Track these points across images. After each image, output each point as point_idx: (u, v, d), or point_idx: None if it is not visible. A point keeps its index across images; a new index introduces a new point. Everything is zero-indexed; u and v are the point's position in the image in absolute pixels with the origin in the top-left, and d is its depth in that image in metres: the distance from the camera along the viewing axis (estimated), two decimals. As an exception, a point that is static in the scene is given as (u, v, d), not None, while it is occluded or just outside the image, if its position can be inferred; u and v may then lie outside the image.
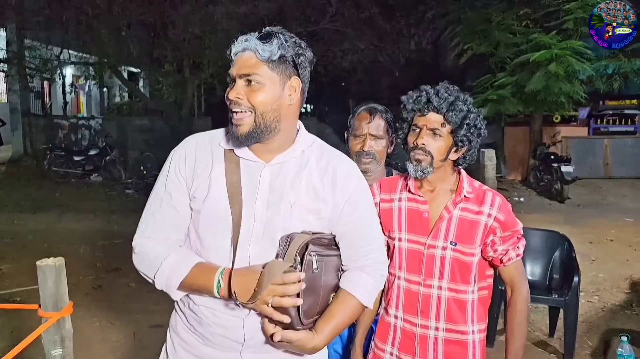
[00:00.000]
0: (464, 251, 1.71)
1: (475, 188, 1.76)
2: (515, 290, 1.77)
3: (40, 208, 8.80)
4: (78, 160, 11.91)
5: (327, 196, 1.44)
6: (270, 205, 1.41)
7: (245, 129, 1.38)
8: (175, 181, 1.47)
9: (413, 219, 1.77)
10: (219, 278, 1.36)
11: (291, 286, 1.32)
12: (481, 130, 1.73)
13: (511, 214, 1.74)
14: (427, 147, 1.70)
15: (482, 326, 1.79)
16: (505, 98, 10.09)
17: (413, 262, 1.76)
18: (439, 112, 1.69)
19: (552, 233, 4.12)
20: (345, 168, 1.49)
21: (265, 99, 1.37)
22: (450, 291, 1.73)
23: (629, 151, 12.07)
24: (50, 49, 13.04)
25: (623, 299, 4.78)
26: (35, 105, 15.60)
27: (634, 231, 7.21)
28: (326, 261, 1.43)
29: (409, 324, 1.78)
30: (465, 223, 1.72)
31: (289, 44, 1.39)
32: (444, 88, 1.73)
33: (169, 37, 11.82)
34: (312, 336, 1.39)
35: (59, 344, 1.57)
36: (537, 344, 3.91)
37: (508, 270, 1.76)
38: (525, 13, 10.32)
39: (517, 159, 11.98)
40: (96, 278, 5.26)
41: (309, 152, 1.48)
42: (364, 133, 2.07)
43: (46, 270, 1.52)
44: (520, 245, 1.75)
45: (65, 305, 1.55)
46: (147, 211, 1.50)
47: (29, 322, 1.82)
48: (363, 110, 2.12)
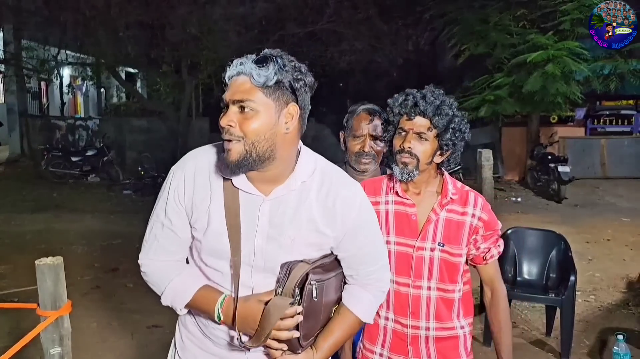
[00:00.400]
0: (451, 252, 1.75)
1: (458, 189, 1.79)
2: (495, 289, 1.83)
3: (37, 209, 8.79)
4: (75, 161, 11.88)
5: (327, 230, 1.40)
6: (270, 240, 1.38)
7: (235, 157, 1.31)
8: (175, 208, 1.44)
9: (401, 222, 1.78)
10: (218, 311, 1.39)
11: (288, 320, 1.34)
12: (465, 134, 1.76)
13: (492, 213, 1.80)
14: (413, 150, 1.71)
15: (469, 320, 1.84)
16: (503, 98, 10.11)
17: (402, 265, 1.78)
18: (426, 116, 1.71)
19: (548, 232, 4.15)
20: (346, 197, 1.42)
21: (258, 127, 1.29)
22: (439, 291, 1.76)
23: (625, 151, 12.11)
24: (47, 49, 13.02)
25: (620, 298, 4.80)
26: (32, 105, 15.58)
27: (630, 230, 7.23)
28: (327, 284, 1.42)
29: (400, 326, 1.80)
30: (451, 224, 1.75)
31: (287, 68, 1.31)
32: (430, 92, 1.74)
33: (167, 38, 11.81)
34: (312, 355, 1.42)
35: (57, 343, 1.58)
36: (534, 344, 3.93)
37: (488, 269, 1.82)
38: (522, 14, 10.35)
39: (515, 159, 12.01)
40: (94, 278, 5.26)
41: (310, 182, 1.40)
42: (364, 134, 2.08)
43: (45, 269, 1.52)
44: (500, 244, 1.81)
45: (63, 304, 1.56)
46: (150, 232, 1.50)
47: (27, 322, 1.83)
48: (362, 111, 2.13)
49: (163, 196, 1.46)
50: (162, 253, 1.48)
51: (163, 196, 1.46)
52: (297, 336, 1.36)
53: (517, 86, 9.91)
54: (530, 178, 10.97)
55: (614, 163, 12.02)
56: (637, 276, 5.07)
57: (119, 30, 11.40)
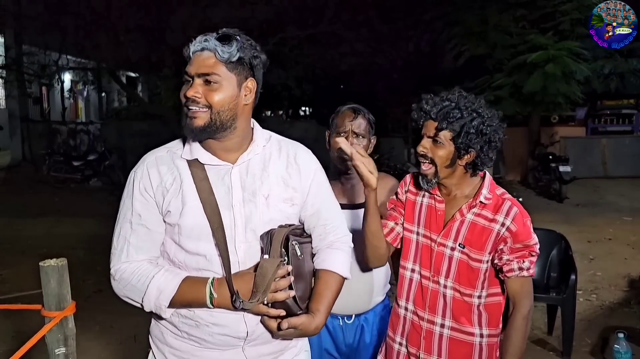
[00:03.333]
0: (471, 256, 1.72)
1: (495, 195, 1.75)
2: (515, 307, 1.73)
3: (39, 214, 8.80)
4: (77, 165, 11.90)
5: (295, 183, 1.53)
6: (247, 202, 1.46)
7: (200, 123, 1.41)
8: (142, 201, 1.47)
9: (430, 215, 1.81)
10: (210, 289, 1.40)
11: (282, 280, 1.40)
12: (487, 136, 1.68)
13: (526, 227, 1.70)
14: (428, 154, 1.72)
15: (493, 331, 1.77)
16: (503, 99, 10.13)
17: (425, 257, 1.80)
18: (435, 120, 1.71)
19: (549, 232, 4.15)
20: (303, 154, 1.59)
21: (222, 98, 1.41)
22: (455, 291, 1.75)
23: (626, 150, 12.12)
24: (48, 54, 13.07)
25: (621, 297, 4.81)
26: (33, 110, 15.61)
27: (631, 230, 7.23)
28: (304, 247, 1.52)
29: (417, 318, 1.82)
30: (476, 228, 1.72)
31: (246, 46, 1.43)
32: (440, 95, 1.73)
33: (168, 42, 11.84)
34: (312, 318, 1.46)
35: (62, 343, 1.59)
36: (535, 343, 3.93)
37: (512, 283, 1.72)
38: (521, 14, 10.38)
39: (516, 159, 12.02)
40: (96, 282, 5.26)
41: (269, 146, 1.55)
42: (347, 130, 2.07)
43: (49, 270, 1.54)
44: (527, 261, 1.70)
45: (68, 305, 1.57)
46: (118, 236, 1.50)
47: (31, 325, 1.84)
48: (346, 109, 2.13)
49: (127, 195, 1.50)
50: (135, 253, 1.47)
51: (127, 195, 1.50)
52: (293, 296, 1.43)
53: (518, 86, 9.94)
54: (531, 178, 10.97)
55: (615, 162, 12.02)
56: (638, 274, 5.08)
57: (119, 34, 11.42)
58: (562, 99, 9.87)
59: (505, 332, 1.76)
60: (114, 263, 1.50)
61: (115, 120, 15.35)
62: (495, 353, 1.79)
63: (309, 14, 12.14)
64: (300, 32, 12.35)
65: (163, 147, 1.56)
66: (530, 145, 11.42)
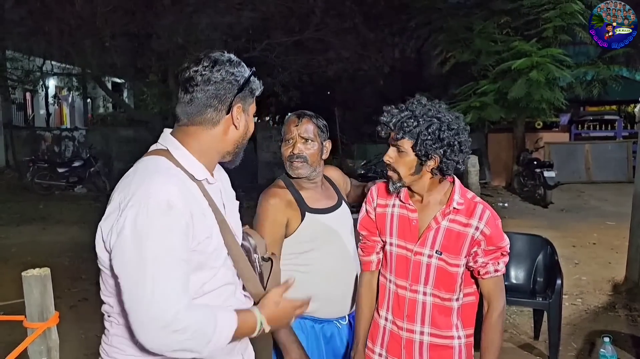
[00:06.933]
0: (448, 261, 1.75)
1: (467, 199, 1.78)
2: (491, 305, 1.79)
3: (23, 221, 8.69)
4: (62, 172, 11.78)
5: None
6: (232, 210, 1.55)
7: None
8: (183, 239, 1.30)
9: (403, 226, 1.81)
10: (260, 320, 1.40)
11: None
12: (447, 140, 1.68)
13: (499, 229, 1.76)
14: (392, 164, 1.76)
15: (468, 331, 1.82)
16: (488, 105, 10.22)
17: (401, 267, 1.81)
18: (393, 131, 1.74)
19: (535, 237, 4.19)
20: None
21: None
22: (435, 298, 1.77)
23: (609, 155, 12.29)
24: (32, 60, 12.92)
25: (606, 301, 4.85)
26: (17, 116, 15.43)
27: (615, 234, 7.31)
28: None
29: (396, 328, 1.83)
30: (452, 234, 1.75)
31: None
32: (400, 106, 1.76)
33: (153, 47, 11.78)
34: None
35: (45, 354, 1.56)
36: (522, 347, 3.95)
37: (486, 284, 1.79)
38: (505, 22, 10.50)
39: (501, 165, 12.13)
40: (81, 290, 5.20)
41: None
42: (293, 136, 2.06)
43: (32, 281, 1.51)
44: (502, 262, 1.77)
45: (51, 316, 1.55)
46: (168, 278, 1.25)
47: (13, 336, 1.80)
48: (292, 115, 2.13)
49: (171, 231, 1.28)
50: (188, 296, 1.29)
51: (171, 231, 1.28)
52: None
53: (502, 92, 10.03)
54: (516, 183, 11.07)
55: (599, 167, 12.19)
56: (623, 279, 5.13)
57: (104, 40, 11.34)
58: (546, 105, 9.99)
59: (483, 330, 1.80)
60: (172, 313, 1.23)
61: (100, 127, 15.22)
62: (472, 352, 1.84)
63: (295, 20, 12.16)
64: (286, 39, 12.37)
65: (171, 171, 1.40)
66: (515, 151, 11.53)
